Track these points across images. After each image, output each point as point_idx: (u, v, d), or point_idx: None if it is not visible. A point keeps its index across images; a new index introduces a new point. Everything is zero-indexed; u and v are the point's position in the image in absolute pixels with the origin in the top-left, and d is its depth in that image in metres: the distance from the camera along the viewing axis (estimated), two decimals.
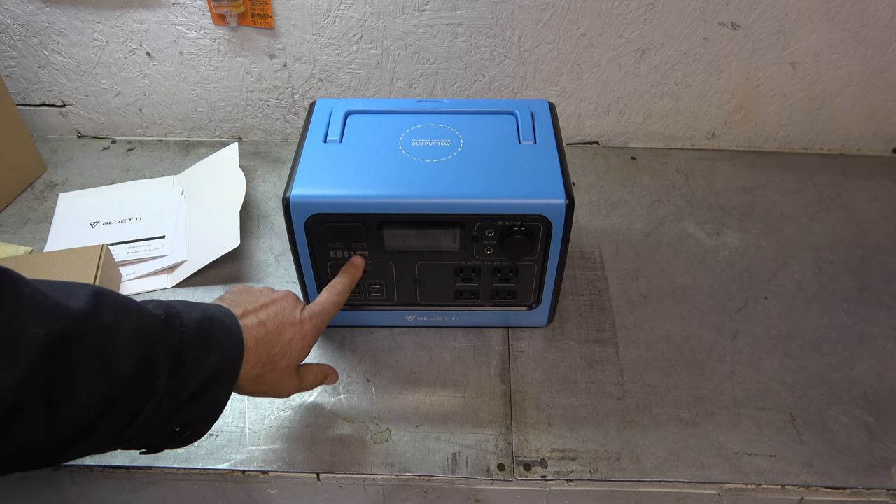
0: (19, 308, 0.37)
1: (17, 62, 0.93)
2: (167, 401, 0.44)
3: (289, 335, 0.54)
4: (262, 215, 0.87)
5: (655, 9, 0.85)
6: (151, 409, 0.43)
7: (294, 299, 0.57)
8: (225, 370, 0.48)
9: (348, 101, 0.70)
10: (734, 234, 0.85)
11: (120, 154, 0.98)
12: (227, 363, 0.48)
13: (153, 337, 0.43)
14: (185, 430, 0.47)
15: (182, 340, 0.45)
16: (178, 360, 0.44)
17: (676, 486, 0.61)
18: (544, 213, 0.60)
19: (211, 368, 0.46)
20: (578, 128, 0.98)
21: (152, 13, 0.87)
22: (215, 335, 0.47)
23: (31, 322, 0.37)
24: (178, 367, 0.44)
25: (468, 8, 0.85)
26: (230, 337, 0.49)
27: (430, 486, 0.62)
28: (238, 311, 0.52)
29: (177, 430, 0.46)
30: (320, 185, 0.61)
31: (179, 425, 0.46)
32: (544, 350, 0.71)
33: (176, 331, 0.45)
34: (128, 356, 0.41)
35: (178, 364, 0.44)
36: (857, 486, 0.61)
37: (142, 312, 0.44)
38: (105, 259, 0.73)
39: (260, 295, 0.56)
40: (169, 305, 0.46)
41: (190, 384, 0.45)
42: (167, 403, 0.44)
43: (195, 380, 0.45)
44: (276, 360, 0.53)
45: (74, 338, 0.39)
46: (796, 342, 0.72)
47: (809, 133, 0.98)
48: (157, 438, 0.46)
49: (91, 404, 0.40)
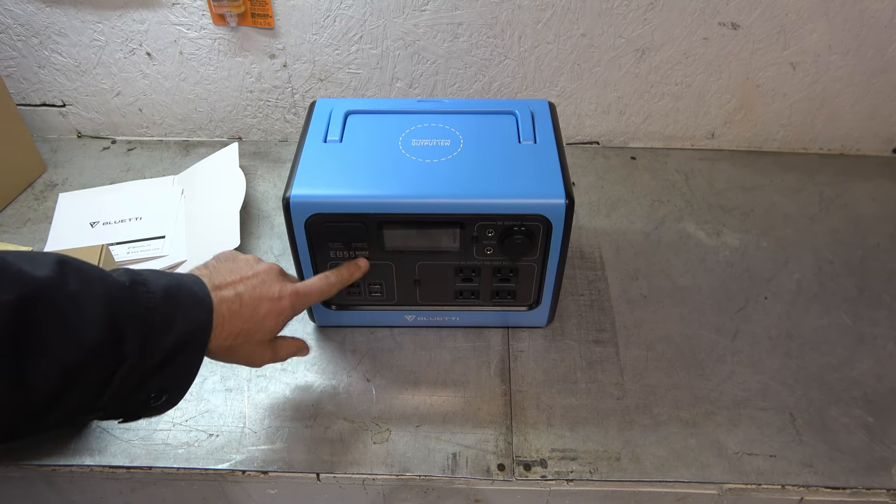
0: None
1: (17, 62, 0.93)
2: (138, 366, 0.44)
3: (264, 309, 0.54)
4: (262, 215, 0.87)
5: (655, 9, 0.85)
6: (122, 375, 0.43)
7: (277, 272, 0.57)
8: (194, 337, 0.48)
9: (348, 101, 0.70)
10: (734, 234, 0.85)
11: (120, 154, 0.98)
12: (197, 329, 0.48)
13: (119, 302, 0.43)
14: (159, 396, 0.47)
15: (149, 307, 0.45)
16: (147, 325, 0.44)
17: (676, 486, 0.61)
18: (544, 213, 0.60)
19: (180, 334, 0.46)
20: (578, 128, 0.98)
21: (152, 13, 0.87)
22: (184, 301, 0.47)
23: None
24: (147, 333, 0.44)
25: (468, 8, 0.85)
26: (198, 303, 0.49)
27: (430, 486, 0.62)
28: (216, 280, 0.52)
29: (151, 395, 0.47)
30: (320, 185, 0.61)
31: (154, 392, 0.46)
32: (544, 350, 0.71)
33: (142, 297, 0.45)
34: (94, 322, 0.42)
35: (147, 330, 0.44)
36: (857, 486, 0.61)
37: (106, 279, 0.44)
38: (105, 259, 0.73)
39: (244, 265, 0.56)
40: (135, 272, 0.47)
41: (159, 350, 0.45)
42: (138, 369, 0.44)
43: (164, 345, 0.45)
44: (250, 333, 0.53)
45: (40, 303, 0.39)
46: (796, 342, 0.72)
47: (809, 133, 0.98)
48: (131, 405, 0.47)
49: (60, 369, 0.40)
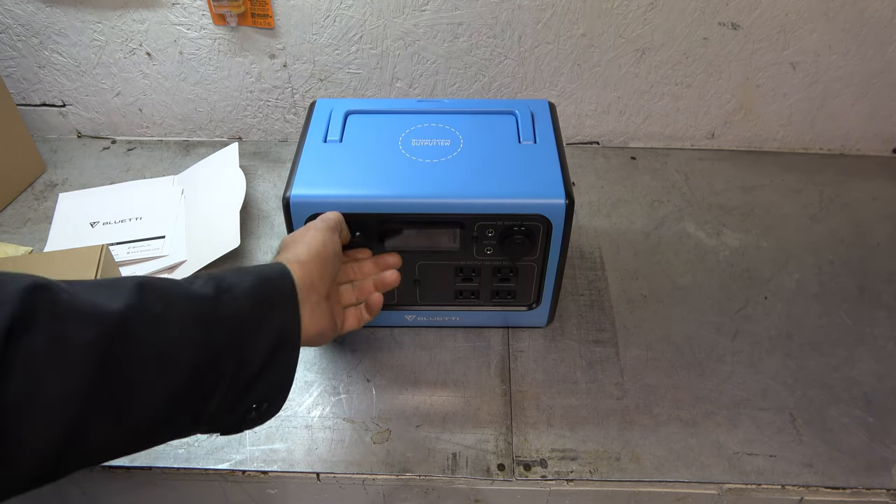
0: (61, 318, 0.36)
1: (17, 62, 0.93)
2: (236, 381, 0.42)
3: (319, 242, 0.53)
4: (262, 215, 0.87)
5: (655, 9, 0.85)
6: (222, 393, 0.42)
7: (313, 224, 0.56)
8: (287, 336, 0.46)
9: (348, 101, 0.70)
10: (734, 234, 0.85)
11: (120, 154, 0.98)
12: (288, 327, 0.46)
13: (208, 317, 0.41)
14: (260, 405, 0.45)
15: (238, 316, 0.42)
16: (240, 337, 0.42)
17: (676, 486, 0.61)
18: (544, 213, 0.60)
19: (273, 336, 0.44)
20: (578, 128, 0.98)
21: (152, 13, 0.87)
22: (271, 300, 0.45)
23: (75, 330, 0.36)
24: (240, 344, 0.42)
25: (468, 8, 0.85)
26: (285, 297, 0.46)
27: (430, 486, 0.62)
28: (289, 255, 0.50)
29: (253, 406, 0.45)
30: (320, 184, 0.61)
31: (255, 402, 0.44)
32: (544, 350, 0.71)
33: (230, 306, 0.42)
34: (186, 345, 0.40)
35: (240, 342, 0.42)
36: (857, 486, 0.61)
37: (189, 295, 0.42)
38: (105, 259, 0.73)
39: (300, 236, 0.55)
40: (219, 278, 0.44)
41: (255, 359, 0.43)
42: (237, 382, 0.42)
43: (259, 353, 0.43)
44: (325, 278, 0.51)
45: (122, 336, 0.38)
46: (796, 342, 0.72)
47: (809, 133, 0.98)
48: (234, 418, 0.45)
49: (157, 399, 0.39)
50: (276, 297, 0.46)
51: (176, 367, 0.39)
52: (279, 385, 0.46)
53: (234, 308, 0.43)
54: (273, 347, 0.44)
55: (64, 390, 0.35)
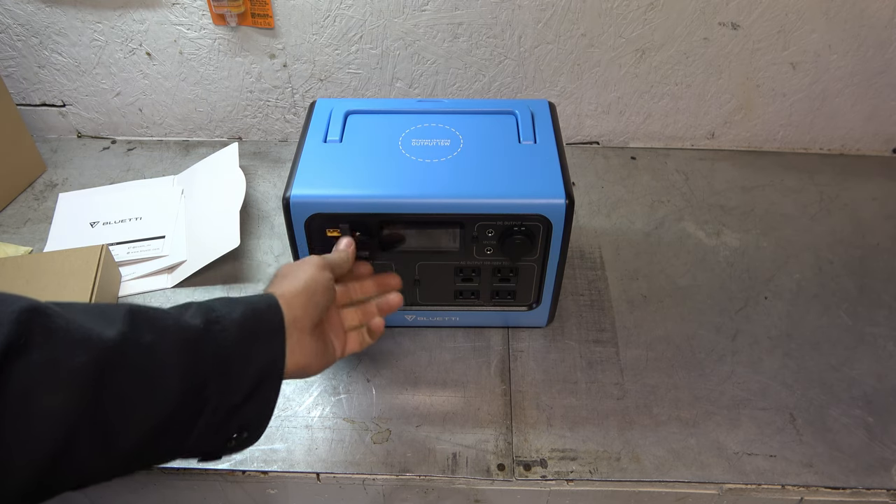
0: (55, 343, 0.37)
1: (17, 62, 0.93)
2: (220, 408, 0.43)
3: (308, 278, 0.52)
4: (262, 215, 0.87)
5: (655, 9, 0.85)
6: (206, 420, 0.43)
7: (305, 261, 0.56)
8: (272, 368, 0.47)
9: (348, 101, 0.70)
10: (734, 234, 0.85)
11: (120, 154, 0.98)
12: (273, 360, 0.47)
13: (196, 347, 0.42)
14: (241, 433, 0.46)
15: (226, 346, 0.44)
16: (226, 367, 0.43)
17: (676, 486, 0.61)
18: (544, 213, 0.60)
19: (259, 368, 0.45)
20: (578, 128, 0.98)
21: (152, 13, 0.87)
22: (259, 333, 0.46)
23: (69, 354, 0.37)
24: (227, 374, 0.43)
25: (468, 8, 0.85)
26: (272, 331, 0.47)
27: (430, 487, 0.62)
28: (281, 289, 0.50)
29: (234, 435, 0.46)
30: (320, 185, 0.61)
31: (237, 430, 0.46)
32: (544, 350, 0.71)
33: (218, 337, 0.44)
34: (172, 373, 0.41)
35: (226, 371, 0.43)
36: (857, 486, 0.61)
37: (180, 325, 0.43)
38: (105, 259, 0.73)
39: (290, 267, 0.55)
40: (208, 309, 0.45)
41: (239, 388, 0.44)
42: (221, 411, 0.43)
43: (244, 383, 0.44)
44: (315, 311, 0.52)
45: (114, 363, 0.39)
46: (796, 342, 0.72)
47: (809, 133, 0.98)
48: (214, 445, 0.46)
49: (144, 426, 0.40)
50: (264, 328, 0.47)
51: (164, 394, 0.40)
52: (260, 415, 0.47)
53: (222, 338, 0.44)
54: (258, 378, 0.45)
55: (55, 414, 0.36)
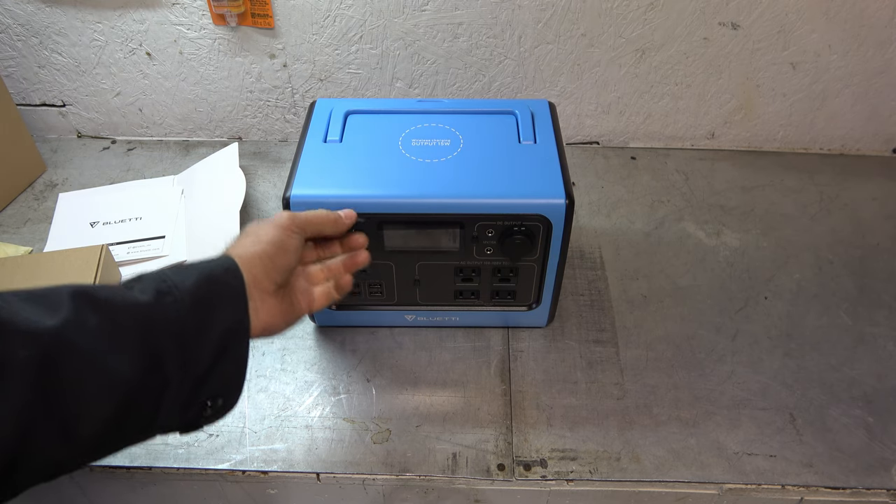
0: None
1: (17, 62, 0.93)
2: (185, 382, 0.41)
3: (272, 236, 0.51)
4: (262, 215, 0.87)
5: (655, 9, 0.85)
6: (172, 395, 0.41)
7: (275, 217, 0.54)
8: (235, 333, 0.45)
9: (348, 101, 0.70)
10: (734, 234, 0.85)
11: (120, 154, 0.98)
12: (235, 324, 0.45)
13: (148, 324, 0.40)
14: (215, 401, 0.44)
15: (180, 318, 0.41)
16: (182, 338, 0.41)
17: (676, 486, 0.61)
18: (544, 213, 0.60)
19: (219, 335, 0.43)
20: (578, 128, 0.98)
21: (152, 13, 0.87)
22: (216, 298, 0.44)
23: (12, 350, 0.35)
24: (184, 346, 0.41)
25: (468, 8, 0.85)
26: (231, 294, 0.45)
27: (430, 487, 0.62)
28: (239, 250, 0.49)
29: (207, 404, 0.44)
30: (320, 184, 0.61)
31: (209, 398, 0.44)
32: (544, 350, 0.71)
33: (171, 309, 0.42)
34: (126, 354, 0.39)
35: (183, 343, 0.41)
36: (857, 486, 0.61)
37: (127, 301, 0.41)
38: (105, 259, 0.73)
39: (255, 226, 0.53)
40: (160, 280, 0.43)
41: (202, 359, 0.42)
42: (185, 384, 0.42)
43: (206, 353, 0.42)
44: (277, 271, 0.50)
45: (60, 351, 0.37)
46: (796, 342, 0.72)
47: (809, 133, 0.98)
48: (188, 419, 0.44)
49: (103, 411, 0.38)
50: (221, 294, 0.45)
51: (119, 376, 0.39)
52: (231, 380, 0.45)
53: (174, 310, 0.42)
54: (221, 345, 0.43)
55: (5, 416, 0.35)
